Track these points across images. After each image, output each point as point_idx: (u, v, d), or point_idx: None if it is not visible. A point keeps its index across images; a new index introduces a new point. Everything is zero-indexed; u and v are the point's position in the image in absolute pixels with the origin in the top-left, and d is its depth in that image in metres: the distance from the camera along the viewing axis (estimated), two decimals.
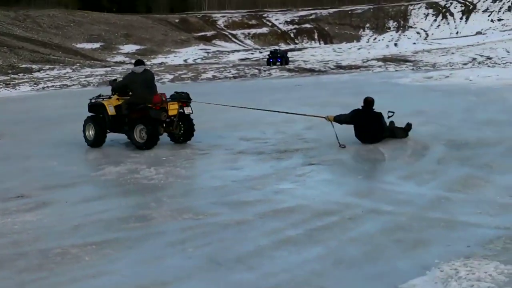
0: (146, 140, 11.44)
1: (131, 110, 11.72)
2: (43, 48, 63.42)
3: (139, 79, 11.79)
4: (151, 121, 11.44)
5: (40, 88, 35.23)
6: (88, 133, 12.21)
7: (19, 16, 79.35)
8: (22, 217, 7.07)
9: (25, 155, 11.74)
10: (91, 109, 12.38)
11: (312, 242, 5.88)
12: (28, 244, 6.10)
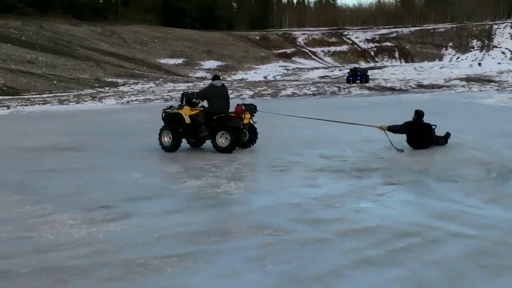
0: (228, 145, 13.09)
1: (208, 119, 13.30)
2: (128, 63, 65.27)
3: (217, 92, 13.46)
4: (232, 129, 13.09)
5: (124, 102, 36.25)
6: (164, 139, 13.66)
7: (105, 31, 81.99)
8: (106, 227, 7.27)
9: (109, 166, 12.08)
10: (167, 118, 13.85)
11: (393, 263, 5.79)
12: (112, 254, 6.26)
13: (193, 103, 13.87)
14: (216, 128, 13.28)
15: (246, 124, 13.49)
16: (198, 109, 13.70)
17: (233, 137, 13.08)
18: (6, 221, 7.60)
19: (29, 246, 6.56)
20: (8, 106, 33.52)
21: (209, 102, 13.54)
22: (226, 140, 13.18)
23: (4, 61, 50.89)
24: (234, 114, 13.36)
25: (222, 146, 13.16)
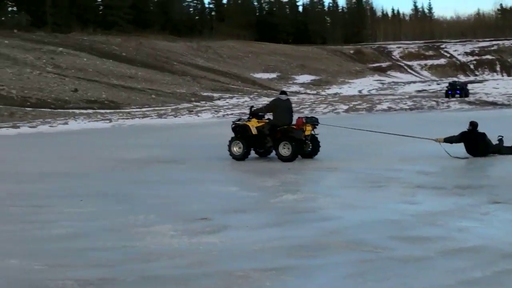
0: (290, 155, 14.05)
1: (272, 131, 14.37)
2: (223, 78, 66.40)
3: (282, 105, 14.60)
4: (294, 140, 14.07)
5: (220, 115, 36.86)
6: (233, 149, 14.79)
7: (201, 47, 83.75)
8: (206, 239, 7.38)
9: (207, 179, 12.28)
10: (236, 130, 15.03)
11: (500, 285, 5.57)
12: (212, 265, 6.34)
13: (260, 115, 15.08)
14: (279, 139, 14.31)
15: (307, 136, 14.44)
16: (264, 121, 14.86)
17: (294, 148, 14.05)
18: (111, 230, 7.86)
19: (133, 255, 6.75)
20: (110, 120, 34.76)
21: (274, 115, 14.74)
22: (288, 150, 14.14)
23: (106, 76, 52.91)
24: (295, 126, 14.35)
25: (284, 156, 14.12)
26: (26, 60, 49.45)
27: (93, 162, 15.59)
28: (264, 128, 14.59)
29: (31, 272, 6.23)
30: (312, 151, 14.72)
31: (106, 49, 65.44)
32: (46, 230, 8.01)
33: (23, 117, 36.25)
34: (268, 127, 14.53)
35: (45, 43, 59.36)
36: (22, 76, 44.51)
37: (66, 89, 44.79)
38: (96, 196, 10.50)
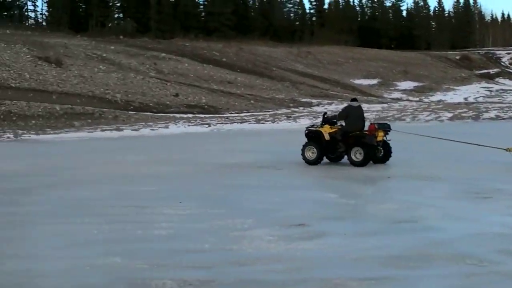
0: (362, 160, 14.42)
1: (344, 136, 14.76)
2: (322, 84, 66.12)
3: (354, 112, 15.03)
4: (366, 145, 14.43)
5: (318, 122, 36.69)
6: (307, 154, 15.20)
7: (301, 53, 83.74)
8: (303, 245, 7.32)
9: (305, 185, 12.26)
10: (309, 135, 15.46)
11: None
12: (308, 272, 6.28)
13: (333, 122, 15.50)
14: (351, 144, 14.67)
15: (379, 142, 14.77)
16: (337, 127, 15.23)
17: (366, 153, 14.40)
18: (209, 233, 7.95)
19: (230, 258, 6.80)
20: (209, 124, 35.34)
21: (346, 121, 15.08)
22: (360, 155, 14.49)
23: (206, 81, 53.88)
24: (368, 132, 14.69)
25: (356, 161, 14.48)
26: (130, 65, 51.10)
27: (192, 166, 15.88)
28: (337, 134, 15.00)
29: (133, 270, 6.39)
30: (383, 157, 15.00)
31: (207, 55, 66.65)
32: (147, 231, 8.21)
33: (126, 120, 37.50)
34: (340, 133, 14.94)
35: (148, 48, 61.15)
36: (126, 80, 46.02)
37: (167, 94, 45.95)
38: (195, 199, 10.67)
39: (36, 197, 11.27)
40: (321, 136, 15.18)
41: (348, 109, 15.30)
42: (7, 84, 38.12)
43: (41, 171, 15.32)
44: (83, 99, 39.86)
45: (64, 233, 8.18)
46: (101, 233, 8.13)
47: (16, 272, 6.40)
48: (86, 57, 49.27)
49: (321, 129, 15.36)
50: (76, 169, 15.67)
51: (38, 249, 7.45)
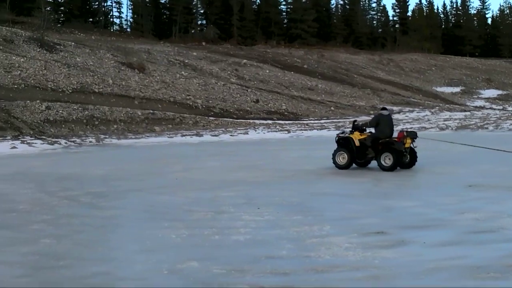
0: (391, 165, 15.20)
1: (374, 143, 15.55)
2: (404, 91, 65.09)
3: (384, 120, 15.83)
4: (395, 151, 15.27)
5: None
6: (338, 159, 15.99)
7: (383, 60, 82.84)
8: (381, 253, 7.21)
9: (384, 193, 12.08)
10: (340, 142, 16.24)
11: None
12: (387, 280, 6.18)
13: (362, 129, 16.26)
14: (381, 150, 15.48)
15: (407, 148, 15.51)
16: (366, 134, 16.01)
17: (396, 158, 15.20)
18: (286, 240, 7.94)
19: (308, 265, 6.76)
20: (289, 130, 35.39)
21: (377, 129, 15.82)
22: (390, 160, 15.29)
23: (287, 88, 54.06)
24: (397, 139, 15.46)
25: (385, 166, 15.25)
26: (212, 71, 51.89)
27: (271, 172, 15.93)
28: (366, 140, 15.76)
29: (210, 275, 6.45)
30: (410, 163, 15.72)
31: (288, 61, 66.87)
32: (224, 236, 8.28)
33: (206, 125, 38.05)
34: (370, 140, 15.71)
35: (230, 55, 61.94)
36: (207, 86, 46.74)
37: (248, 100, 46.35)
38: (273, 205, 10.69)
39: (118, 201, 11.57)
40: (352, 142, 15.93)
41: (379, 117, 16.04)
42: (91, 89, 39.39)
43: (124, 176, 15.73)
44: (164, 104, 40.71)
45: (143, 237, 8.35)
46: (179, 237, 8.25)
47: (96, 275, 6.58)
48: (168, 63, 50.35)
49: (352, 135, 16.09)
50: (157, 174, 16.00)
51: (118, 252, 7.64)
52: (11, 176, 16.24)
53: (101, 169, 17.17)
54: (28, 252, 7.59)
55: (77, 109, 35.15)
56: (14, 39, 43.81)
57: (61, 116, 33.66)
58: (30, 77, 38.16)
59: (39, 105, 34.25)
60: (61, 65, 41.54)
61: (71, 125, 33.09)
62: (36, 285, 6.27)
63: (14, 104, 33.65)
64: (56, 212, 10.47)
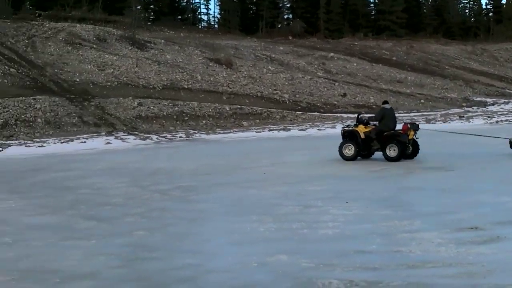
0: (396, 156, 16.06)
1: (379, 135, 16.45)
2: (498, 82, 62.82)
3: (388, 113, 16.76)
4: (400, 142, 16.16)
5: (493, 122, 34.93)
6: (344, 151, 16.85)
7: (476, 50, 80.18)
8: (475, 249, 6.99)
9: (476, 188, 11.65)
10: (345, 135, 17.14)
11: None
12: (481, 277, 5.98)
13: (366, 122, 17.07)
14: (386, 142, 16.34)
15: (410, 140, 16.40)
16: (371, 127, 16.84)
17: (401, 150, 16.07)
18: (376, 234, 7.83)
19: (398, 260, 6.64)
20: None
21: (382, 122, 16.63)
22: (395, 151, 16.16)
23: (374, 81, 53.23)
24: (402, 131, 16.32)
25: (391, 157, 16.14)
26: (299, 66, 51.74)
27: (358, 166, 15.78)
28: (371, 133, 16.68)
29: (299, 269, 6.44)
30: (412, 153, 16.54)
31: (376, 54, 65.83)
32: (313, 230, 8.25)
33: (293, 120, 38.01)
34: (375, 132, 16.60)
35: (317, 48, 61.57)
36: (294, 81, 46.65)
37: (335, 94, 45.97)
38: (362, 199, 10.57)
39: (208, 195, 11.75)
40: (357, 135, 16.80)
41: (383, 111, 16.86)
42: (180, 85, 40.14)
43: (212, 170, 15.95)
44: (252, 99, 40.98)
45: (232, 231, 8.44)
46: (268, 231, 8.28)
47: (187, 267, 6.70)
48: (255, 58, 50.64)
49: (357, 128, 16.95)
50: (245, 168, 16.14)
51: (207, 245, 7.76)
52: (105, 170, 16.80)
53: (190, 164, 17.48)
54: (122, 243, 7.83)
55: (168, 105, 35.91)
56: (107, 38, 45.21)
57: (152, 112, 34.48)
58: (122, 74, 39.32)
59: (132, 102, 35.24)
60: (152, 63, 42.56)
61: (162, 120, 33.85)
62: (130, 275, 6.45)
63: (108, 101, 34.78)
64: (148, 206, 10.75)
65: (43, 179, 15.18)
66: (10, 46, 39.39)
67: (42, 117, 30.95)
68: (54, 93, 34.23)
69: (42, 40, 41.45)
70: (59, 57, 39.53)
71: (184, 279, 6.27)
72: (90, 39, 43.67)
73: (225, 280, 6.20)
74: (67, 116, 31.53)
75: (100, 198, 11.73)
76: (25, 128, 29.58)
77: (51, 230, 8.83)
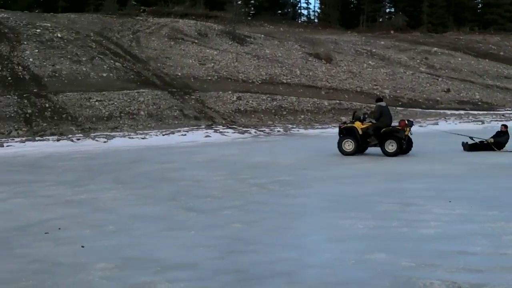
0: (395, 151, 17.13)
1: (376, 131, 17.36)
2: None
3: (385, 110, 17.83)
4: (398, 138, 17.21)
5: None
6: (343, 146, 17.72)
7: None
8: None
9: None
10: (343, 131, 17.94)
11: None
12: None
13: (362, 119, 18.02)
14: (385, 138, 17.31)
15: (406, 136, 17.33)
16: (367, 123, 17.69)
17: (399, 145, 17.12)
18: (481, 235, 7.53)
19: (504, 263, 6.36)
20: (482, 121, 33.71)
21: (379, 119, 17.54)
22: (393, 146, 17.19)
23: (480, 76, 51.41)
24: (400, 127, 17.43)
25: (390, 152, 17.18)
26: (400, 60, 50.68)
27: (461, 164, 15.29)
28: (369, 129, 17.54)
29: (398, 268, 6.28)
30: (406, 149, 17.46)
31: (482, 48, 63.53)
32: (412, 229, 8.03)
33: (393, 116, 37.26)
34: (372, 129, 17.48)
35: (419, 43, 60.09)
36: (395, 76, 45.78)
37: (438, 89, 44.76)
38: (465, 198, 10.19)
39: (305, 190, 11.69)
40: (356, 131, 17.63)
41: (381, 108, 17.80)
42: (279, 80, 40.24)
43: (310, 165, 15.90)
44: (351, 94, 40.57)
45: (330, 226, 8.35)
46: (366, 228, 8.13)
47: (284, 261, 6.67)
48: (355, 53, 50.05)
49: (355, 125, 17.78)
50: (343, 164, 15.99)
51: (305, 240, 7.70)
52: (205, 163, 17.08)
53: (288, 158, 17.48)
54: (220, 235, 7.90)
55: (266, 100, 36.12)
56: (208, 33, 45.96)
57: (251, 106, 34.79)
58: (222, 69, 39.87)
59: (231, 96, 35.69)
60: (251, 57, 42.90)
61: (260, 115, 34.09)
62: (228, 267, 6.50)
63: (207, 95, 35.38)
64: (246, 199, 10.81)
65: (146, 170, 15.60)
66: (116, 41, 40.75)
67: (145, 110, 31.90)
68: (156, 86, 35.19)
69: (146, 35, 42.65)
70: (161, 52, 40.56)
71: (281, 273, 6.24)
72: (192, 34, 44.53)
73: (323, 276, 6.12)
74: (169, 109, 32.33)
75: (200, 190, 11.92)
76: (128, 120, 30.58)
77: (153, 220, 9.04)
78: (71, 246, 7.47)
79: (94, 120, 29.90)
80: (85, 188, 12.38)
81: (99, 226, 8.61)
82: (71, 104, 30.77)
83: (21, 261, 6.89)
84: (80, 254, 7.10)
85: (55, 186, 12.79)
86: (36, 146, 23.52)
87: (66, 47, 37.09)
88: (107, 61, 36.86)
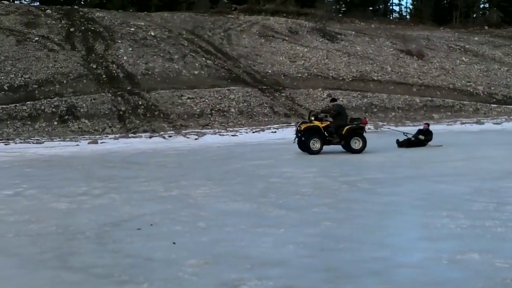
0: (360, 148, 18.07)
1: (337, 129, 18.15)
2: None
3: (343, 110, 19.06)
4: (362, 136, 18.27)
5: None
6: (314, 145, 18.15)
7: None
8: None
9: None
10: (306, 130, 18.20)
11: None
12: None
13: (320, 118, 18.52)
14: (350, 135, 18.17)
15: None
16: (326, 122, 18.38)
17: (364, 142, 18.13)
18: None
19: None
20: None
21: (338, 117, 18.41)
22: (359, 143, 18.11)
23: None
24: (362, 125, 18.44)
25: (355, 149, 18.02)
26: (495, 57, 49.06)
27: None
28: (331, 128, 18.24)
29: (492, 268, 6.19)
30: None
31: None
32: (508, 229, 7.89)
33: (487, 113, 36.25)
34: (334, 127, 18.23)
35: None
36: (489, 72, 44.40)
37: None
38: None
39: (395, 188, 11.60)
40: (320, 130, 18.21)
41: (339, 108, 18.91)
42: (370, 77, 39.84)
43: (401, 163, 15.79)
44: (443, 91, 39.67)
45: (421, 225, 8.30)
46: (459, 227, 8.02)
47: (375, 260, 6.67)
48: (448, 49, 48.83)
49: (317, 124, 18.30)
50: (434, 162, 15.75)
51: (396, 239, 7.68)
52: (294, 160, 17.26)
53: (378, 156, 17.38)
54: (310, 233, 7.98)
55: (357, 97, 35.88)
56: (298, 30, 46.00)
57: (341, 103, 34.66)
58: (312, 66, 39.87)
59: (321, 93, 35.67)
60: (342, 54, 42.65)
61: (350, 112, 33.93)
62: (318, 265, 6.56)
63: (298, 92, 35.50)
64: (336, 196, 10.85)
65: (236, 167, 15.87)
66: (207, 39, 41.47)
67: (235, 107, 32.39)
68: (247, 84, 35.62)
69: (237, 33, 43.17)
70: (252, 49, 40.97)
71: (373, 272, 6.26)
72: (282, 32, 44.71)
73: (415, 275, 6.10)
74: (259, 107, 32.68)
75: (290, 187, 12.04)
76: (219, 117, 31.14)
77: (243, 216, 9.19)
78: (163, 242, 7.64)
79: (186, 117, 30.63)
80: (177, 184, 12.73)
81: (190, 222, 8.78)
82: (163, 102, 31.63)
83: (114, 256, 7.11)
84: (171, 250, 7.25)
85: (147, 182, 13.21)
86: (129, 142, 24.36)
87: (159, 45, 38.10)
88: (199, 58, 37.59)
